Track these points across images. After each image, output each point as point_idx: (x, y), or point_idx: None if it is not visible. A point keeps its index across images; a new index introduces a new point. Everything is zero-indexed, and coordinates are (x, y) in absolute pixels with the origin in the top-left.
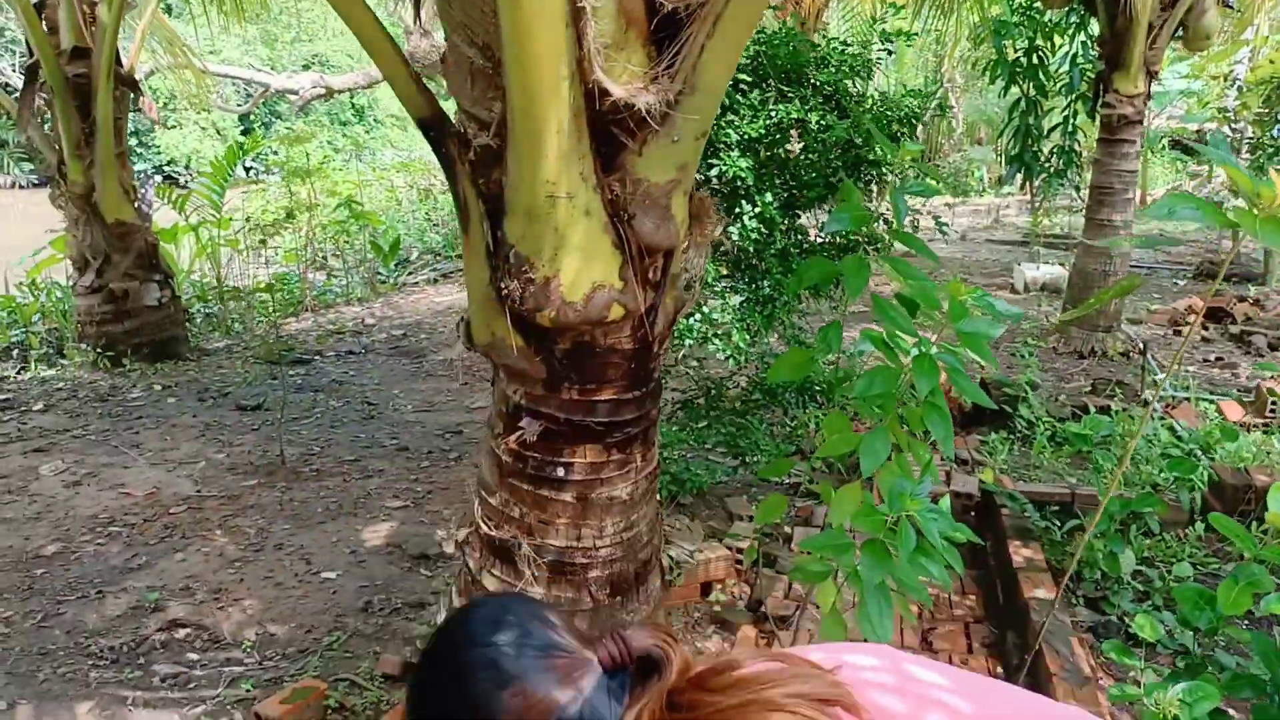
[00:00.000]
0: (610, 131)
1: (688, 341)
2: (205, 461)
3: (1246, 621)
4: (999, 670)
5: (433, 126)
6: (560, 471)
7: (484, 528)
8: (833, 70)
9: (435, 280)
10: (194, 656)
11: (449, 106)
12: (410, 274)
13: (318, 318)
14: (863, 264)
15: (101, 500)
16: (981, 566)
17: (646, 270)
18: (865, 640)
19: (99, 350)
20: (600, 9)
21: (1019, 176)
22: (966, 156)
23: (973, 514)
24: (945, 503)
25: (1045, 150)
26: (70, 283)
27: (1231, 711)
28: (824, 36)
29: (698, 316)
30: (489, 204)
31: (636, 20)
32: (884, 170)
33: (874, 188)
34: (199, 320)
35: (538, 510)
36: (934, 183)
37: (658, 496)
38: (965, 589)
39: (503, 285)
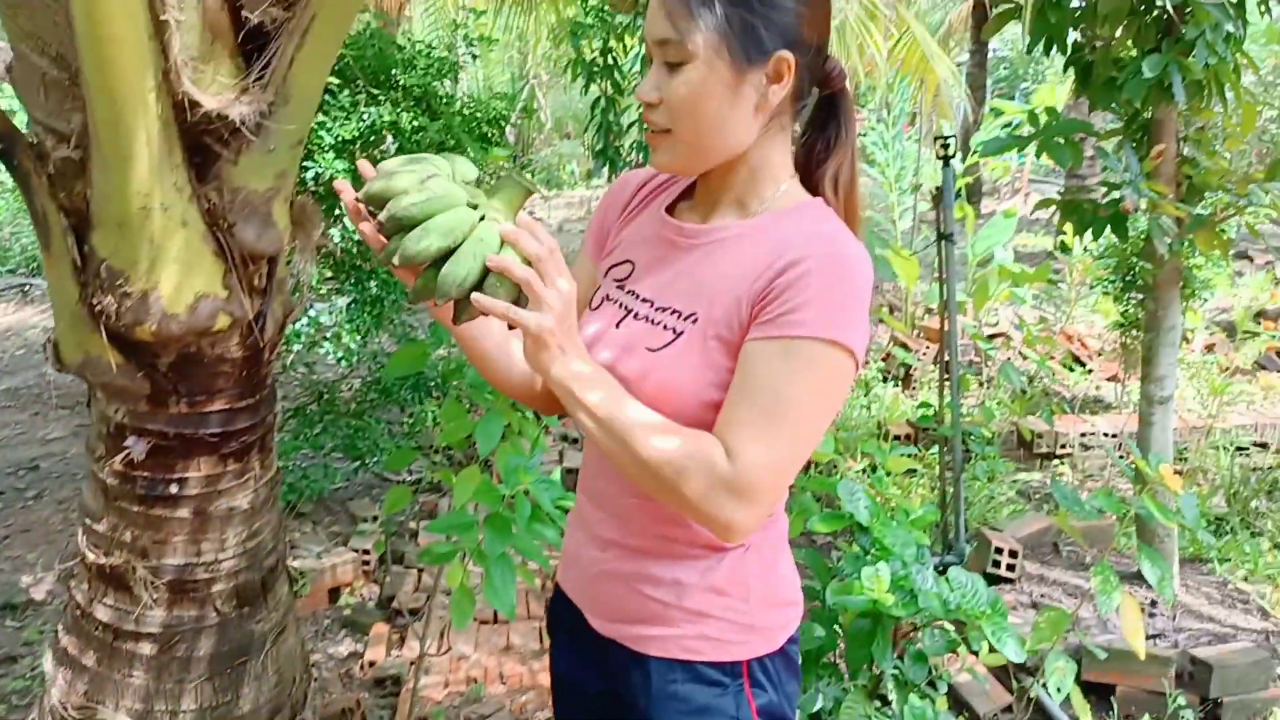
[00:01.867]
0: (204, 142)
1: (295, 346)
2: None
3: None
4: None
5: (1, 139)
6: (174, 488)
7: (91, 556)
8: (420, 73)
9: None
10: None
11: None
12: None
13: None
14: None
15: None
16: None
17: (252, 277)
18: (495, 611)
19: None
20: (184, 23)
21: (605, 170)
22: (557, 151)
23: None
24: (557, 474)
25: (626, 145)
26: None
27: None
28: (407, 37)
29: (305, 320)
30: (73, 218)
31: (222, 33)
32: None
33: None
34: None
35: (151, 530)
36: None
37: (279, 504)
38: None
39: (95, 301)
